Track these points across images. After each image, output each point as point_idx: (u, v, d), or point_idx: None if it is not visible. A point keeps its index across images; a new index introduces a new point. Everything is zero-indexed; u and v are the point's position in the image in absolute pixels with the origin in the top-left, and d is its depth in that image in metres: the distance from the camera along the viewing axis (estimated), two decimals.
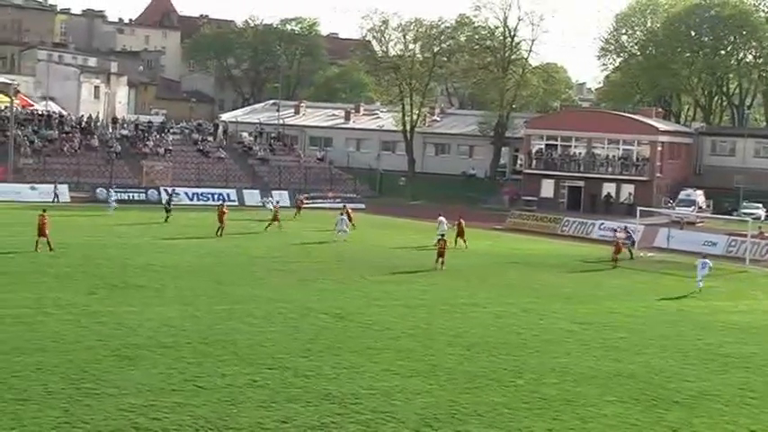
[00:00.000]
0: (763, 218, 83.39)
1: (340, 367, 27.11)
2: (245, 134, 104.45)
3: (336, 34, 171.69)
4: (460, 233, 58.07)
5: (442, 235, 53.18)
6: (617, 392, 25.92)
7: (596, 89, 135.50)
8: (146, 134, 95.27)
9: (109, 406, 22.37)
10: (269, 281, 42.35)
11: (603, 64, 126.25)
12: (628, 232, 60.04)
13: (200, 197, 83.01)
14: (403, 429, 22.04)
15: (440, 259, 48.52)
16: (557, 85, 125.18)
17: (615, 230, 60.71)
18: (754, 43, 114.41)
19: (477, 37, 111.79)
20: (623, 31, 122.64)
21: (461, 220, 59.16)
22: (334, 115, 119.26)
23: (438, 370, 27.40)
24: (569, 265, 53.43)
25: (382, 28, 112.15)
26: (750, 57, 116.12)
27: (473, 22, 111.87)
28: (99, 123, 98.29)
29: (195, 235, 58.61)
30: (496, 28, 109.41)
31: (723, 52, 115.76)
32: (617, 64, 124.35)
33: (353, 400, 23.94)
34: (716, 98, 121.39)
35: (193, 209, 74.71)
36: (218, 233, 58.51)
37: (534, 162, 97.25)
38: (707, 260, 47.11)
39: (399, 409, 23.48)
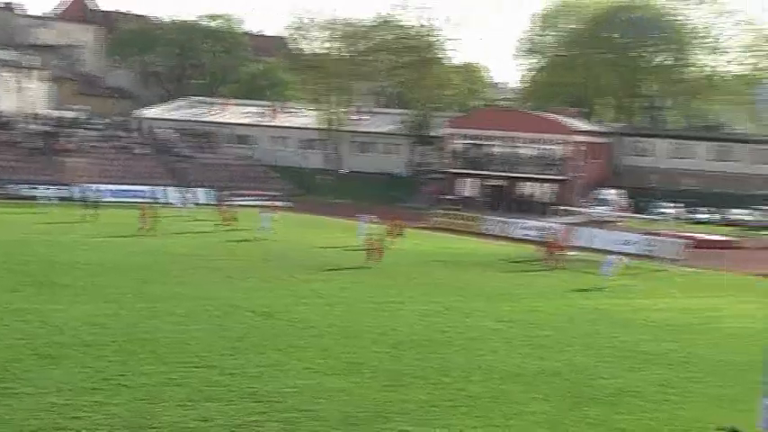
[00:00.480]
0: (678, 217, 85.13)
1: (264, 365, 27.12)
2: (167, 131, 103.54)
3: (261, 32, 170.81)
4: (395, 234, 58.36)
5: (369, 235, 53.68)
6: (542, 390, 26.34)
7: (517, 89, 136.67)
8: (66, 130, 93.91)
9: (29, 405, 22.17)
10: (194, 279, 42.15)
11: (523, 64, 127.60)
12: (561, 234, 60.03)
13: (123, 194, 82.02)
14: (326, 428, 22.14)
15: (373, 254, 49.19)
16: (478, 85, 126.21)
17: (550, 231, 60.28)
18: (669, 45, 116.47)
19: (400, 36, 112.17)
20: (544, 31, 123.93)
21: (396, 222, 59.60)
22: (258, 113, 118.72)
23: (362, 368, 27.56)
24: (493, 264, 53.96)
25: (305, 26, 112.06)
26: (665, 58, 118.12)
27: (396, 21, 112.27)
28: (16, 119, 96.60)
29: (119, 233, 58.00)
30: (418, 27, 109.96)
31: (640, 54, 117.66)
32: (538, 64, 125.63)
33: (277, 399, 23.99)
34: (633, 99, 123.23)
35: (116, 206, 73.86)
36: (143, 231, 58.08)
37: (456, 161, 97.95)
38: (613, 258, 49.28)
39: (322, 407, 23.58)
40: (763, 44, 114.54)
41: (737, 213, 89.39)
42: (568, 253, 57.52)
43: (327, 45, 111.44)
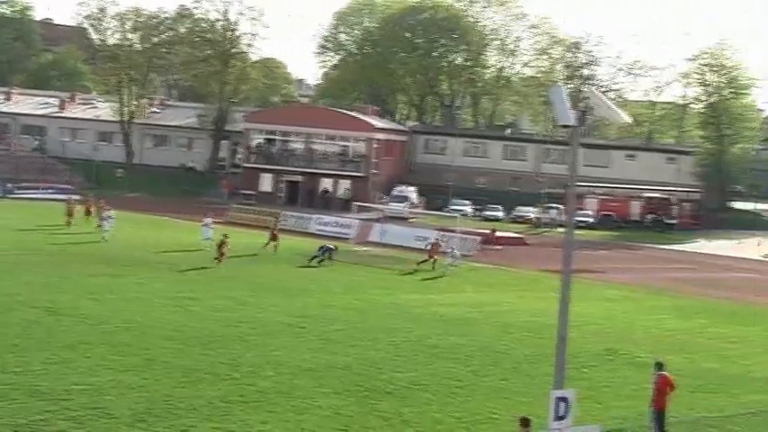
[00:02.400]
0: (470, 214, 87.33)
1: (50, 363, 26.40)
2: None
3: (51, 20, 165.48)
4: (274, 237, 57.43)
5: (207, 238, 54.08)
6: (332, 384, 26.53)
7: (315, 85, 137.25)
8: None
9: None
10: None
11: (322, 61, 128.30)
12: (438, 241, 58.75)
13: None
14: (116, 425, 21.75)
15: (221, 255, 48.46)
16: (277, 80, 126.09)
17: (432, 239, 58.31)
18: (463, 46, 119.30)
19: (197, 29, 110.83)
20: (342, 29, 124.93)
21: (276, 230, 58.71)
22: (48, 103, 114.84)
23: (154, 364, 27.17)
24: (288, 259, 53.94)
25: (99, 16, 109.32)
26: (460, 59, 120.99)
27: (194, 15, 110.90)
28: None
29: None
30: (217, 21, 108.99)
31: (436, 54, 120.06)
32: (336, 61, 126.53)
33: (64, 396, 23.41)
34: (428, 98, 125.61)
35: None
36: None
37: (253, 156, 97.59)
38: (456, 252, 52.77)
39: (112, 404, 23.15)
40: (555, 47, 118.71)
41: (526, 211, 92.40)
42: (363, 248, 58.06)
43: (123, 36, 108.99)
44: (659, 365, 24.04)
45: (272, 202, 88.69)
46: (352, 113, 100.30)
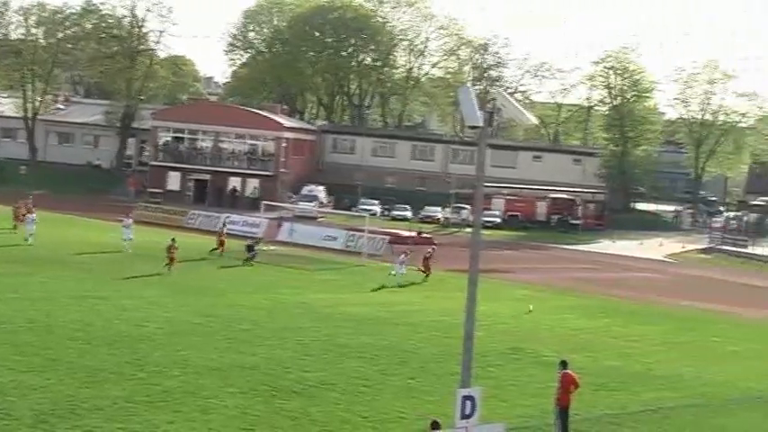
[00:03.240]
0: (379, 214, 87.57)
1: None
2: None
3: None
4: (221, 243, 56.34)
5: (128, 239, 53.49)
6: (239, 384, 26.42)
7: (224, 83, 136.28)
8: None
9: None
10: None
11: (231, 59, 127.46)
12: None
13: None
14: (17, 426, 21.40)
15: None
16: (185, 78, 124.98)
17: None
18: (372, 46, 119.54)
19: (103, 25, 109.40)
20: (251, 27, 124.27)
21: (223, 235, 57.47)
22: None
23: (57, 364, 26.78)
24: (196, 258, 53.48)
25: (2, 9, 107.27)
26: (369, 59, 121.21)
27: (100, 10, 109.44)
28: None
29: None
30: (124, 17, 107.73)
31: (345, 54, 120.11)
32: (245, 60, 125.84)
33: None
34: (338, 97, 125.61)
35: None
36: None
37: (161, 154, 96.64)
38: (402, 257, 51.29)
39: (14, 405, 22.78)
40: (463, 48, 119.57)
41: (434, 211, 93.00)
42: (272, 247, 57.91)
43: (26, 31, 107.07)
44: (563, 364, 24.42)
45: (179, 200, 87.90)
46: (261, 112, 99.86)
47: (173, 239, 48.81)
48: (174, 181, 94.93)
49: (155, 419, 22.66)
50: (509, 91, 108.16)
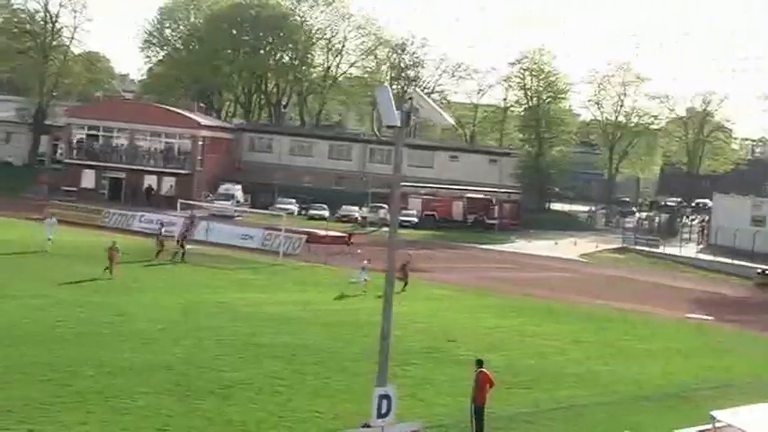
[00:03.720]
0: (296, 213, 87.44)
1: None
2: None
3: None
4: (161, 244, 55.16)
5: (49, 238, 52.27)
6: (153, 384, 26.17)
7: (140, 81, 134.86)
8: None
9: None
10: None
11: (147, 56, 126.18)
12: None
13: None
14: None
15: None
16: (100, 75, 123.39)
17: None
18: (290, 45, 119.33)
19: (15, 20, 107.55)
20: (167, 24, 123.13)
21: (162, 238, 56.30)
22: None
23: None
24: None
25: None
26: (287, 58, 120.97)
27: (11, 5, 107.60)
28: None
29: None
30: (37, 12, 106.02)
31: (262, 52, 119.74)
32: (161, 57, 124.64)
33: None
34: (255, 96, 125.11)
35: None
36: None
37: (75, 151, 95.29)
38: (365, 263, 48.98)
39: None
40: (381, 48, 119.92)
41: (351, 210, 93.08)
42: (188, 246, 57.42)
43: None
44: (479, 363, 24.61)
45: (94, 198, 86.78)
46: (178, 110, 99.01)
47: (113, 242, 47.44)
48: (88, 179, 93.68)
49: (67, 420, 22.34)
50: (426, 91, 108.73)
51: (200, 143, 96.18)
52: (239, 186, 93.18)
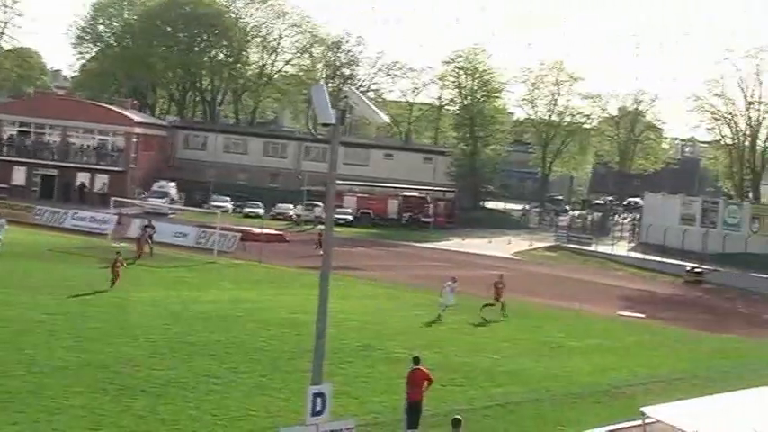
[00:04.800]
0: (231, 211, 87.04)
1: None
2: None
3: None
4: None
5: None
6: (85, 383, 25.96)
7: (73, 77, 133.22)
8: None
9: None
10: None
11: (80, 52, 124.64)
12: None
13: None
14: None
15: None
16: (31, 71, 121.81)
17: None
18: (225, 42, 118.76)
19: None
20: (100, 20, 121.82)
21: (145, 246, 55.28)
22: None
23: None
24: (41, 255, 52.25)
25: None
26: (221, 55, 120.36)
27: None
28: None
29: None
30: None
31: (197, 49, 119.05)
32: (94, 53, 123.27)
33: None
34: (190, 93, 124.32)
35: None
36: None
37: (6, 148, 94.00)
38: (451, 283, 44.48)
39: None
40: (316, 46, 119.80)
41: (286, 208, 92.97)
42: (121, 244, 56.90)
43: None
44: (416, 360, 24.72)
45: (25, 196, 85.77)
46: (111, 107, 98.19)
47: (117, 253, 45.18)
48: (19, 176, 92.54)
49: None
50: (362, 89, 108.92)
51: (134, 140, 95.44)
52: (173, 184, 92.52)
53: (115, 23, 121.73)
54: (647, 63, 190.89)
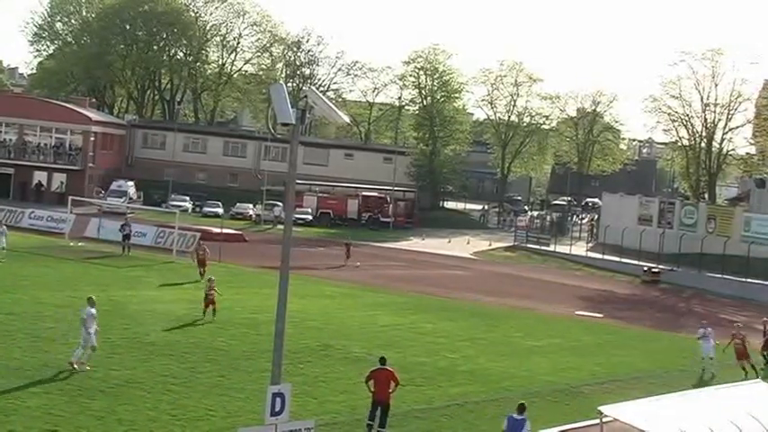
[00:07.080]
0: (190, 210, 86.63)
1: None
2: None
3: None
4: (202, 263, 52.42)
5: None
6: (42, 383, 25.81)
7: (30, 75, 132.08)
8: None
9: None
10: None
11: (37, 50, 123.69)
12: None
13: None
14: None
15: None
16: None
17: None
18: (184, 41, 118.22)
19: None
20: (58, 17, 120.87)
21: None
22: None
23: None
24: None
25: None
26: (181, 54, 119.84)
27: None
28: None
29: None
30: None
31: (156, 48, 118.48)
32: (51, 51, 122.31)
33: None
34: (149, 92, 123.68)
35: None
36: None
37: None
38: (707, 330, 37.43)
39: None
40: (276, 45, 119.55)
41: (245, 208, 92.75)
42: (79, 243, 56.59)
43: None
44: (382, 360, 24.75)
45: None
46: (69, 105, 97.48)
47: (209, 279, 40.56)
48: None
49: None
50: (322, 89, 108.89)
51: (92, 139, 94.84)
52: (132, 183, 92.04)
53: (73, 21, 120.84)
54: (605, 64, 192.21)
